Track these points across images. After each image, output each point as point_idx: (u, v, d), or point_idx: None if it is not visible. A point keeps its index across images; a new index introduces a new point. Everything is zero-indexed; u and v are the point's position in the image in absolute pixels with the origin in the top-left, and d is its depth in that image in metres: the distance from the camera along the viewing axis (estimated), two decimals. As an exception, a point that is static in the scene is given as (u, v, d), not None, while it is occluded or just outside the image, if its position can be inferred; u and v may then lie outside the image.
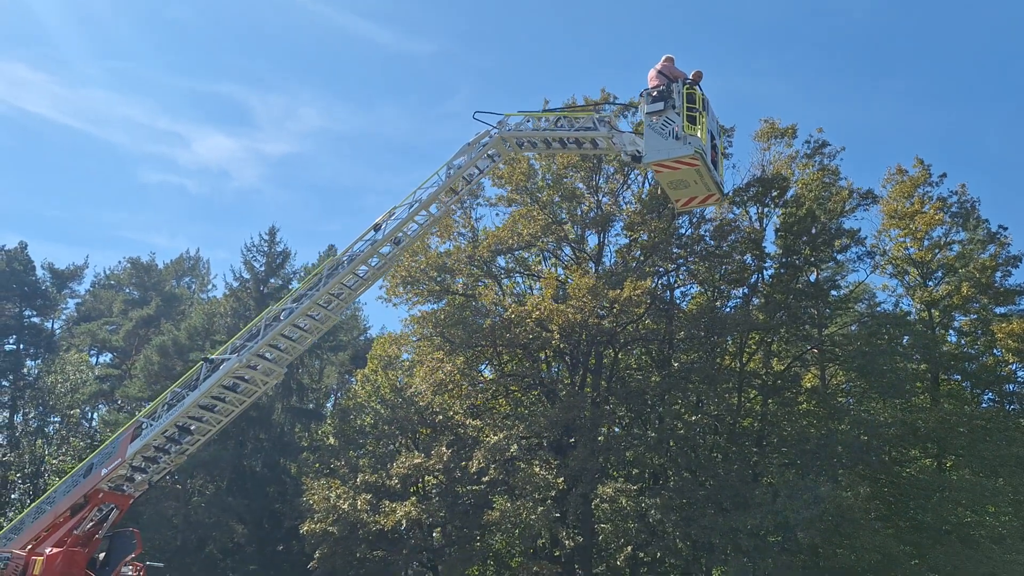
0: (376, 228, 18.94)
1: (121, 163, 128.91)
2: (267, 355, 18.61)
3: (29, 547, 18.90)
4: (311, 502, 33.89)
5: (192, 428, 19.08)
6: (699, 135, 15.56)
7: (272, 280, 47.65)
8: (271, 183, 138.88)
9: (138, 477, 19.49)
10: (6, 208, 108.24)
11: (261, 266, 46.75)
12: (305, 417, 48.15)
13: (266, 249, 47.19)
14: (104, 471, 18.75)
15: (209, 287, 60.35)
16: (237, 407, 19.24)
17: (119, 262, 78.96)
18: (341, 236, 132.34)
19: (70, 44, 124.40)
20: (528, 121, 18.46)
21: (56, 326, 59.40)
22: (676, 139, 15.46)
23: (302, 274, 54.48)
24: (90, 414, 57.59)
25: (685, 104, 15.68)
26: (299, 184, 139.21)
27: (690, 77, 16.25)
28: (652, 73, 16.56)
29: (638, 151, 16.42)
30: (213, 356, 18.75)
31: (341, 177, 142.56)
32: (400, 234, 19.21)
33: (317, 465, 39.50)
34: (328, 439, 41.70)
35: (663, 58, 16.65)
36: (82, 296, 65.72)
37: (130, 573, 20.18)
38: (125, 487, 19.40)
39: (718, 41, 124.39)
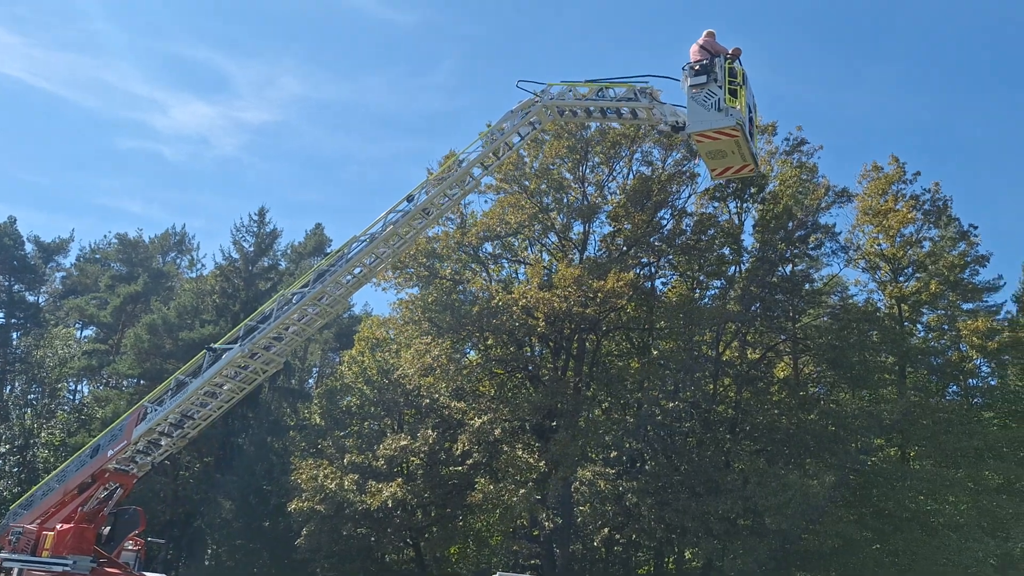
0: (409, 199, 18.95)
1: (96, 128, 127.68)
2: (270, 344, 19.31)
3: (38, 522, 19.87)
4: (299, 481, 34.84)
5: (194, 413, 19.99)
6: (739, 108, 16.31)
7: (261, 260, 48.15)
8: (250, 152, 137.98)
9: (141, 459, 20.44)
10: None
11: (250, 246, 47.27)
12: (292, 396, 49.01)
13: (255, 229, 47.69)
14: (110, 452, 19.66)
15: (198, 265, 60.80)
16: (238, 394, 20.12)
17: (104, 236, 79.15)
18: (323, 208, 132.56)
19: (44, 6, 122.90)
20: (570, 90, 18.72)
21: (42, 300, 59.81)
22: (718, 111, 16.16)
23: (290, 253, 55.19)
24: (75, 387, 58.28)
25: (727, 78, 16.39)
26: (279, 154, 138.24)
27: (730, 52, 16.92)
28: (694, 48, 17.07)
29: (678, 121, 17.01)
30: (216, 346, 19.59)
31: (323, 147, 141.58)
32: (430, 205, 19.14)
33: (303, 445, 40.39)
34: (314, 419, 42.62)
35: (704, 33, 17.22)
36: (67, 270, 66.17)
37: (131, 548, 21.26)
38: (129, 467, 20.32)
39: (702, 17, 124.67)
